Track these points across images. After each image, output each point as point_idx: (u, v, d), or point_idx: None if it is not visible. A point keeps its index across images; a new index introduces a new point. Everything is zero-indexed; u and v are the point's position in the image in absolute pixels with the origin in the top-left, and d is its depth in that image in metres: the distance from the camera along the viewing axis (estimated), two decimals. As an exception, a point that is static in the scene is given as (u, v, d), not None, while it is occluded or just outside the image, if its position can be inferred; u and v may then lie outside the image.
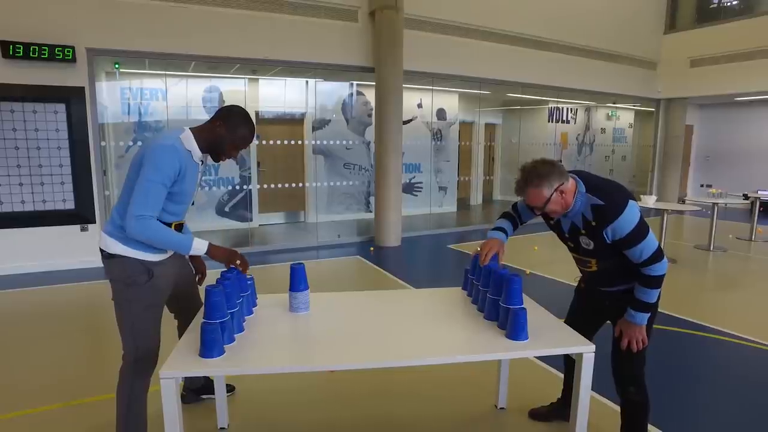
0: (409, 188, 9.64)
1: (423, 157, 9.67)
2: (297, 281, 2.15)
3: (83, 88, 5.36)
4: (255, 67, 6.93)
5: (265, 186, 8.00)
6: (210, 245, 2.03)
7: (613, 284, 2.10)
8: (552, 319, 2.11)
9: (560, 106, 10.91)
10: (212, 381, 2.52)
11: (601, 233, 1.91)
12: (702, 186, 12.34)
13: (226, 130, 2.01)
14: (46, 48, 5.05)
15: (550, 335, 1.93)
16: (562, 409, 2.50)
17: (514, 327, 1.84)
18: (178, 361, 1.67)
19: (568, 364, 2.46)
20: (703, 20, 10.87)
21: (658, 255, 1.88)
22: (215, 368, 1.66)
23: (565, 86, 9.38)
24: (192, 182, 2.02)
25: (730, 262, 6.39)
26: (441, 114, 10.01)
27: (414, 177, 9.77)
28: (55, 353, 3.34)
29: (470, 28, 7.88)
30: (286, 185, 7.72)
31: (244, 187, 8.05)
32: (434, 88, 8.95)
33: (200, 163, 2.06)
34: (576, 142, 11.69)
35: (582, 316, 2.23)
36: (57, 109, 5.28)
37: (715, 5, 11.16)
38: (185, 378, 2.62)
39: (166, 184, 1.89)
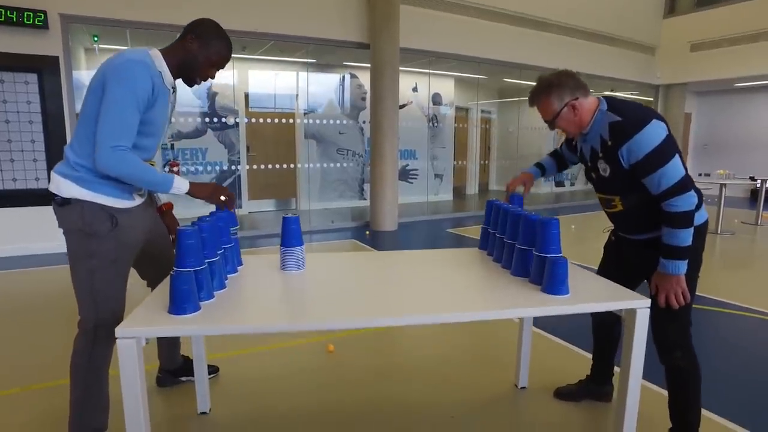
0: (405, 175, 9.32)
1: (418, 144, 9.35)
2: (290, 235, 1.83)
3: (57, 57, 4.97)
4: (245, 43, 6.57)
5: (255, 167, 7.62)
6: (191, 182, 1.71)
7: (642, 230, 1.80)
8: (590, 275, 1.80)
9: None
10: (191, 361, 2.17)
11: (617, 154, 1.64)
12: (700, 175, 12.16)
13: (199, 45, 1.69)
14: (15, 11, 4.65)
15: (592, 289, 1.62)
16: (592, 386, 2.23)
17: (552, 279, 1.53)
18: (141, 318, 1.33)
19: (600, 336, 2.17)
20: (703, 3, 10.66)
21: (682, 186, 1.58)
22: (187, 327, 1.33)
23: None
24: (163, 110, 1.68)
25: (740, 244, 6.18)
26: (437, 99, 9.71)
27: (408, 164, 9.45)
28: (22, 339, 2.99)
29: (469, 5, 7.57)
30: (277, 166, 7.38)
31: (233, 168, 7.69)
32: (430, 71, 8.64)
33: (171, 89, 1.72)
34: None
35: (613, 273, 1.88)
36: (28, 79, 4.88)
37: (716, -12, 10.98)
38: (161, 357, 2.28)
39: (139, 108, 1.56)
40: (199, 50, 1.70)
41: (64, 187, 1.62)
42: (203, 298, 1.44)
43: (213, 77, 1.79)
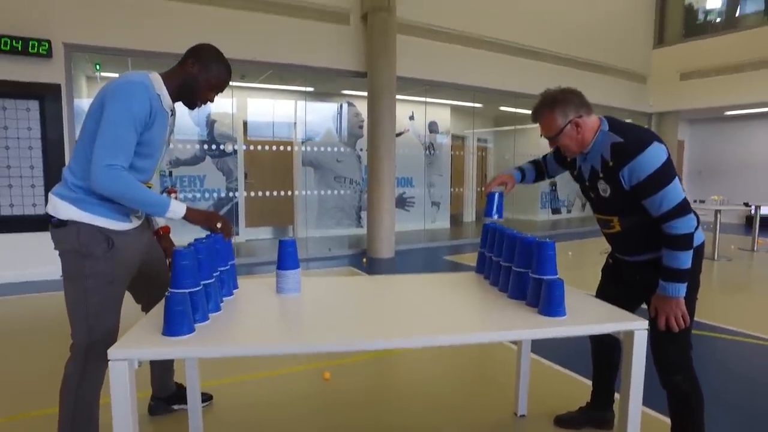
0: (402, 203, 9.35)
1: (415, 172, 9.42)
2: (286, 258, 1.82)
3: (59, 85, 5.04)
4: (244, 71, 6.69)
5: (252, 194, 7.63)
6: (188, 207, 1.71)
7: (639, 251, 1.80)
8: (588, 297, 1.80)
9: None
10: (185, 389, 2.13)
11: (618, 176, 1.65)
12: (695, 201, 12.25)
13: (199, 68, 1.73)
14: (20, 41, 4.75)
15: (589, 312, 1.62)
16: (593, 413, 2.19)
17: (549, 301, 1.53)
18: (135, 340, 1.32)
19: (599, 360, 2.14)
20: (690, 35, 11.00)
21: (681, 208, 1.59)
22: (182, 348, 1.31)
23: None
24: (161, 132, 1.70)
25: (738, 270, 6.19)
26: (433, 127, 9.83)
27: (405, 192, 9.49)
28: (13, 366, 2.93)
29: (464, 35, 7.77)
30: (275, 193, 7.40)
31: (230, 195, 7.70)
32: (427, 100, 8.78)
33: (170, 112, 1.75)
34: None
35: (611, 296, 1.86)
36: (30, 106, 4.94)
37: (701, 21, 11.35)
38: (153, 384, 2.24)
39: (137, 128, 1.58)
40: (200, 73, 1.73)
41: (61, 208, 1.63)
42: (198, 320, 1.43)
43: (212, 101, 1.82)
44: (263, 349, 1.37)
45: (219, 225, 1.78)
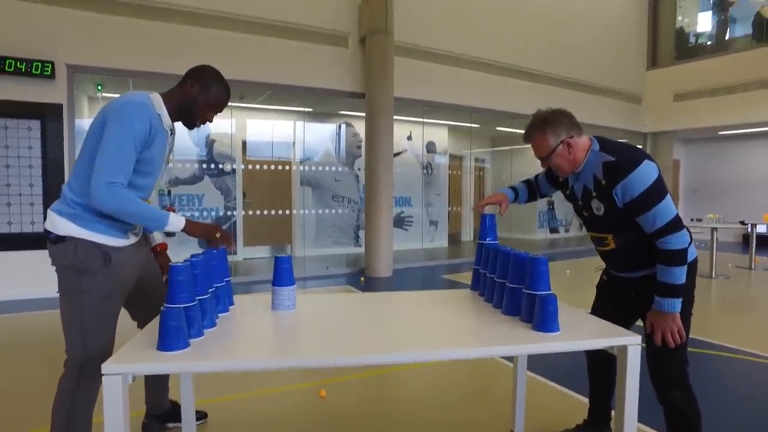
0: (400, 222, 9.38)
1: (413, 191, 9.48)
2: (281, 275, 1.84)
3: (61, 105, 5.11)
4: (243, 92, 6.79)
5: (250, 213, 7.65)
6: (187, 220, 1.73)
7: (634, 267, 1.82)
8: (582, 314, 1.80)
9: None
10: (179, 407, 2.12)
11: (612, 194, 1.68)
12: (692, 220, 12.30)
13: (199, 89, 1.77)
14: (24, 63, 4.83)
15: (583, 327, 1.63)
16: (590, 430, 2.17)
17: (542, 316, 1.54)
18: (129, 355, 1.32)
19: (595, 377, 2.14)
20: (682, 57, 11.22)
21: (674, 224, 1.62)
22: (177, 363, 1.32)
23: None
24: (161, 150, 1.74)
25: (736, 288, 6.18)
26: (431, 147, 9.93)
27: (403, 212, 9.52)
28: (6, 386, 2.91)
29: (460, 57, 7.91)
30: (273, 212, 7.42)
31: (228, 214, 7.72)
32: (424, 120, 8.89)
33: (169, 131, 1.78)
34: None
35: (606, 312, 1.87)
36: (31, 125, 5.00)
37: (692, 44, 11.58)
38: (148, 401, 2.22)
39: (137, 147, 1.61)
40: (199, 94, 1.77)
41: (60, 224, 1.65)
42: (193, 335, 1.43)
43: (211, 120, 1.86)
44: (259, 363, 1.37)
45: (218, 235, 1.79)
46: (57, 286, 1.68)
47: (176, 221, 1.70)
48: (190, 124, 1.82)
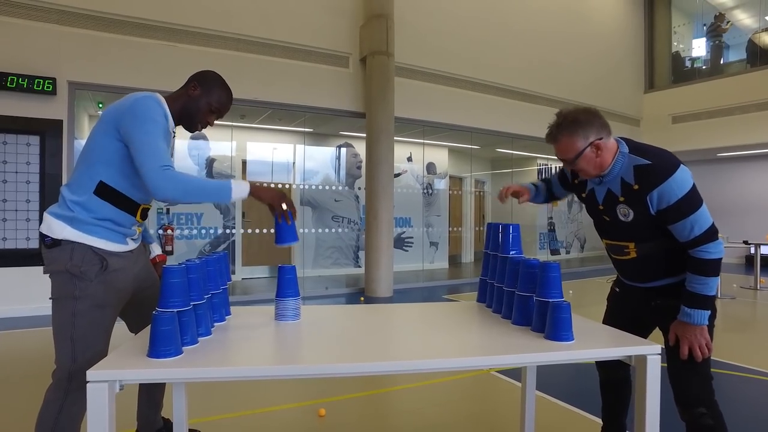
0: (400, 243, 9.30)
1: (414, 212, 9.43)
2: (285, 286, 1.76)
3: (61, 121, 5.10)
4: (244, 111, 6.81)
5: (249, 231, 7.58)
6: (251, 183, 1.65)
7: (659, 276, 1.72)
8: (595, 324, 1.72)
9: (549, 164, 10.95)
10: (172, 424, 2.00)
11: (645, 199, 1.58)
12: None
13: (202, 92, 1.75)
14: (26, 79, 4.84)
15: (598, 336, 1.55)
16: (602, 448, 2.06)
17: (555, 325, 1.46)
18: (118, 361, 1.24)
19: (608, 394, 2.04)
20: (678, 80, 11.37)
21: (712, 233, 1.55)
22: (169, 370, 1.23)
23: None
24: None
25: (743, 308, 6.10)
26: (431, 168, 9.92)
27: (404, 232, 9.46)
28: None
29: (461, 78, 7.98)
30: (272, 231, 7.34)
31: (227, 233, 7.65)
32: (425, 141, 8.91)
33: (173, 133, 1.74)
34: (566, 199, 11.62)
35: (619, 324, 1.76)
36: (30, 141, 4.97)
37: (688, 68, 11.75)
38: (139, 419, 2.11)
39: (166, 137, 1.59)
40: (201, 96, 1.75)
41: (56, 228, 1.58)
42: (186, 342, 1.35)
43: (212, 124, 1.82)
44: (255, 372, 1.29)
45: (284, 206, 1.69)
46: (50, 292, 1.59)
47: (240, 186, 1.61)
48: (191, 127, 1.78)
